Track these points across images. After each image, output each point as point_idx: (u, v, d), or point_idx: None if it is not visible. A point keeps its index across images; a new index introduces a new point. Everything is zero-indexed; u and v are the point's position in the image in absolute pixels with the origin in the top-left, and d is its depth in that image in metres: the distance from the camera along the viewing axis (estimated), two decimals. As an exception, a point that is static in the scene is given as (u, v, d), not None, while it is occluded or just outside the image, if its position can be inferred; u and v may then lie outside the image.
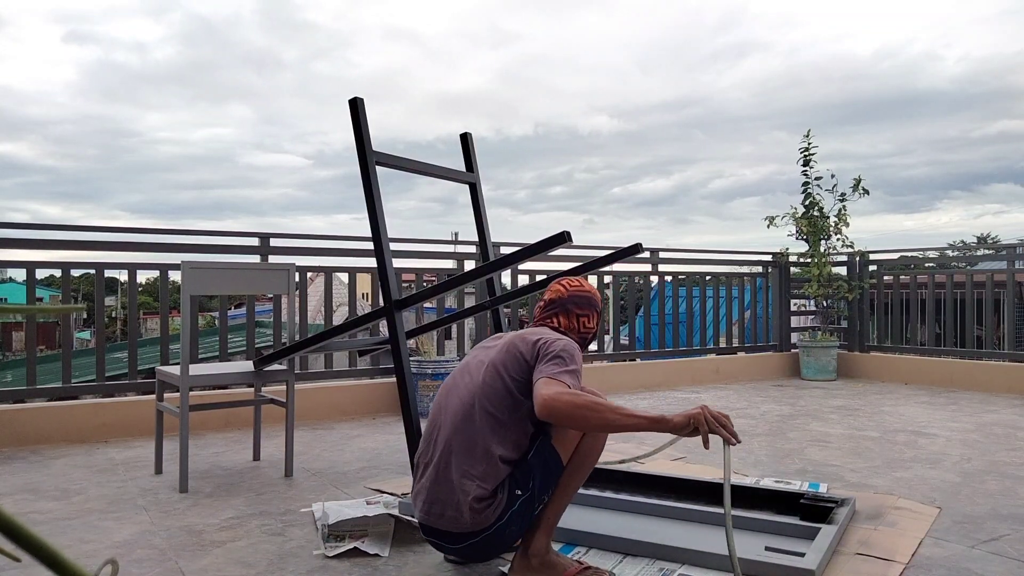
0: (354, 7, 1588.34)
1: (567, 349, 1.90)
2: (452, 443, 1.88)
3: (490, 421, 1.87)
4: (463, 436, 1.88)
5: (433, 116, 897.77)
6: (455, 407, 1.94)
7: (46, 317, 12.65)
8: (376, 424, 4.33)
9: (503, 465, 1.84)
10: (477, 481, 1.82)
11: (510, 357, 1.94)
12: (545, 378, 1.80)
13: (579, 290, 2.18)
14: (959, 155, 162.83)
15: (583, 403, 1.70)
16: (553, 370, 1.82)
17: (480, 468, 1.83)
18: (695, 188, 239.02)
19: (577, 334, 2.15)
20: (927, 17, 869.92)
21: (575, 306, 2.15)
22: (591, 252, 5.62)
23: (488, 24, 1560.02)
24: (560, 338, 1.96)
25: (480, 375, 1.96)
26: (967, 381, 5.81)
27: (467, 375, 2.02)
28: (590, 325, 2.18)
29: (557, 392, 1.73)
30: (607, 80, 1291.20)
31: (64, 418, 3.85)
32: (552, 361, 1.86)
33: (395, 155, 2.80)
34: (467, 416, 1.90)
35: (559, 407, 1.70)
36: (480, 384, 1.93)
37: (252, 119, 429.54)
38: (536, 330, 2.05)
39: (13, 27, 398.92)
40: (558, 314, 2.15)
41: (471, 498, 1.81)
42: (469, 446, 1.86)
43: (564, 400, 1.71)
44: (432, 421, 2.01)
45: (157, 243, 4.38)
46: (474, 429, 1.87)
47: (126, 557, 2.17)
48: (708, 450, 1.78)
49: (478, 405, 1.90)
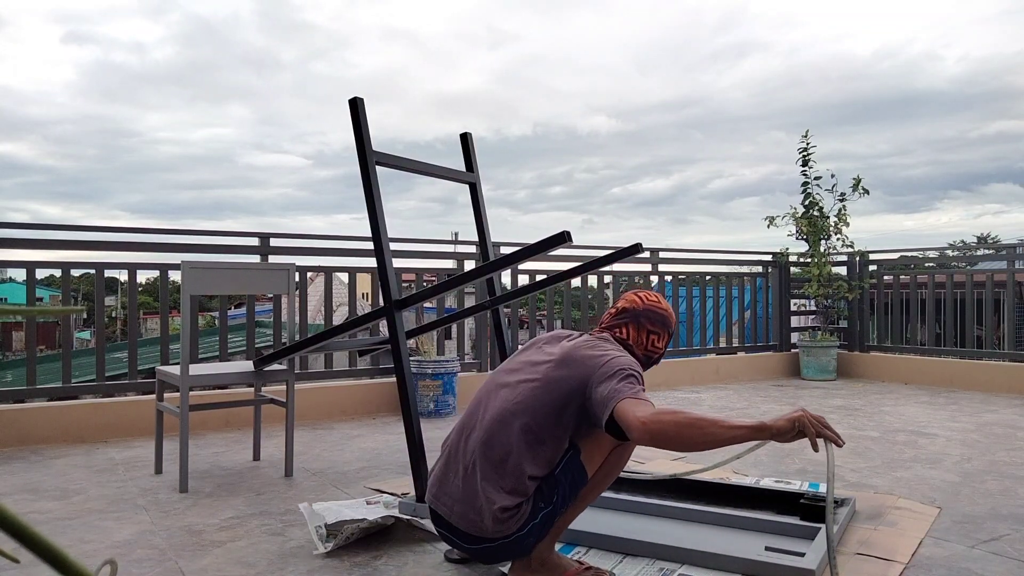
0: (351, 7, 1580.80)
1: (633, 366, 1.79)
2: (485, 450, 1.81)
3: (528, 438, 1.79)
4: (497, 446, 1.80)
5: (432, 116, 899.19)
6: (495, 412, 1.85)
7: (46, 317, 12.64)
8: (376, 424, 4.34)
9: (531, 481, 1.79)
10: (504, 493, 1.77)
11: (565, 374, 1.82)
12: (629, 399, 1.67)
13: (656, 305, 2.06)
14: (958, 155, 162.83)
15: (686, 421, 1.60)
16: (630, 388, 1.70)
17: (509, 482, 1.77)
18: (695, 188, 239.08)
19: (643, 351, 2.03)
20: (927, 17, 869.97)
21: (648, 321, 2.03)
22: (591, 252, 5.62)
23: (485, 25, 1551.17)
24: (621, 353, 1.84)
25: (530, 385, 1.85)
26: (967, 381, 5.81)
27: (516, 378, 1.91)
28: (659, 345, 2.05)
29: (655, 414, 1.61)
30: (606, 80, 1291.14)
31: (64, 418, 3.85)
32: (625, 380, 1.73)
33: (395, 155, 2.80)
34: (505, 425, 1.82)
35: (664, 428, 1.59)
36: (527, 395, 1.83)
37: (251, 119, 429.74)
38: (594, 343, 1.91)
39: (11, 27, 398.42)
40: (628, 324, 2.03)
41: (496, 507, 1.76)
42: (501, 458, 1.79)
43: (667, 420, 1.59)
44: (471, 413, 1.93)
45: (157, 243, 4.38)
46: (509, 442, 1.79)
47: (126, 557, 2.17)
48: (816, 451, 1.70)
49: (519, 418, 1.81)
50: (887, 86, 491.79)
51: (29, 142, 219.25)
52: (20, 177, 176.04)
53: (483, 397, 1.94)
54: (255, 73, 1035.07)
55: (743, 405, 5.02)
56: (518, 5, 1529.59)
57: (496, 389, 1.92)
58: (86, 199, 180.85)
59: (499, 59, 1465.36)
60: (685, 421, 1.59)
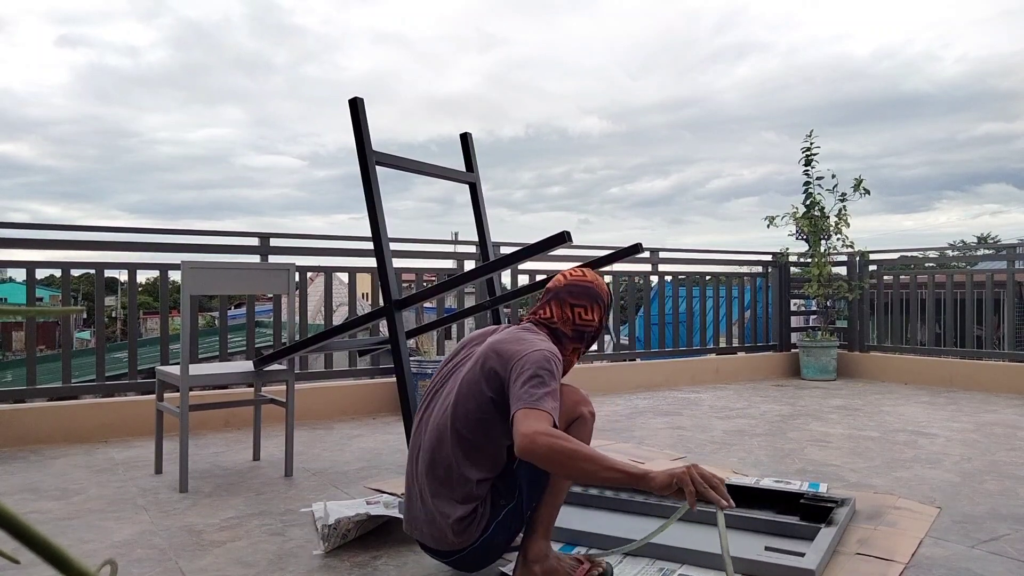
0: (341, 11, 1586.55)
1: (544, 363, 1.73)
2: (429, 467, 1.84)
3: (464, 446, 1.80)
4: (439, 465, 1.82)
5: (424, 118, 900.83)
6: (431, 428, 1.87)
7: (46, 317, 12.65)
8: (376, 424, 4.33)
9: (481, 484, 1.79)
10: (456, 504, 1.79)
11: (485, 374, 1.80)
12: (524, 408, 1.63)
13: (579, 279, 2.00)
14: (957, 155, 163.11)
15: (563, 449, 1.54)
16: (531, 395, 1.65)
17: (458, 492, 1.79)
18: (693, 188, 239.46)
19: (572, 327, 1.96)
20: (926, 18, 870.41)
21: (569, 295, 1.97)
22: (591, 252, 5.62)
23: (475, 28, 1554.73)
24: (535, 347, 1.78)
25: (455, 394, 1.85)
26: (967, 381, 5.81)
27: (447, 386, 1.92)
28: (587, 317, 1.97)
29: (537, 433, 1.56)
30: (601, 82, 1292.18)
31: (64, 418, 3.85)
32: (529, 382, 1.68)
33: (395, 155, 2.80)
34: (440, 439, 1.83)
35: (539, 450, 1.55)
36: (455, 404, 1.83)
37: (245, 121, 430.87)
38: (512, 335, 1.87)
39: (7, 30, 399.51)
40: (550, 303, 1.98)
41: (452, 520, 1.78)
42: (445, 471, 1.81)
43: (545, 443, 1.55)
44: (416, 432, 1.95)
45: (157, 243, 4.38)
46: (447, 454, 1.81)
47: (126, 557, 2.17)
48: (693, 510, 1.60)
49: (451, 429, 1.81)
50: (886, 86, 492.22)
51: (29, 142, 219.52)
52: (20, 177, 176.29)
53: (424, 411, 1.95)
54: (247, 76, 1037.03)
55: (743, 405, 5.02)
56: (506, 9, 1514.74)
57: (432, 402, 1.93)
58: (86, 199, 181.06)
59: (489, 61, 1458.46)
60: (562, 449, 1.54)
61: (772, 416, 4.58)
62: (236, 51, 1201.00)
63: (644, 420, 4.44)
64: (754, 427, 4.21)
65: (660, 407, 4.94)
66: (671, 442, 3.79)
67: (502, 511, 1.80)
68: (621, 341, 6.59)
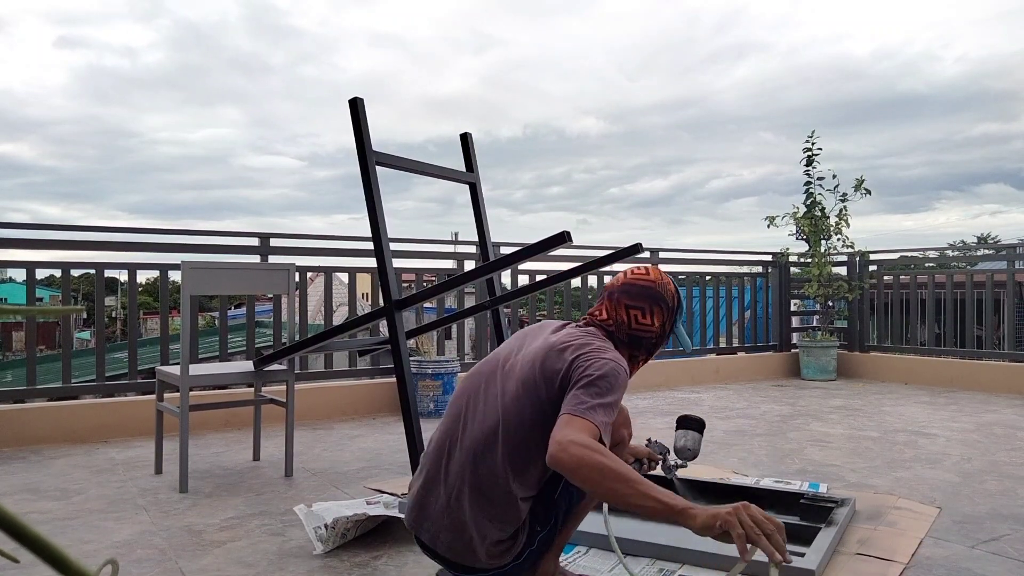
0: (338, 13, 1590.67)
1: (607, 370, 1.53)
2: (470, 475, 1.60)
3: (514, 457, 1.58)
4: (483, 471, 1.60)
5: (422, 119, 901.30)
6: (478, 430, 1.63)
7: (46, 317, 12.65)
8: (376, 424, 4.33)
9: (523, 504, 1.61)
10: (496, 524, 1.60)
11: (545, 375, 1.60)
12: (568, 414, 1.46)
13: (639, 277, 1.79)
14: (956, 156, 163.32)
15: (597, 465, 1.35)
16: (582, 402, 1.47)
17: (499, 511, 1.60)
18: (692, 188, 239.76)
19: (627, 331, 1.76)
20: (926, 18, 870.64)
21: (625, 295, 1.76)
22: (592, 252, 5.62)
23: (470, 29, 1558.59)
24: (603, 354, 1.59)
25: (510, 393, 1.63)
26: (967, 381, 5.80)
27: (497, 384, 1.68)
28: (644, 321, 1.76)
29: (573, 443, 1.38)
30: (599, 83, 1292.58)
31: (64, 418, 3.85)
32: (585, 387, 1.50)
33: (395, 155, 2.80)
34: (488, 446, 1.60)
35: (567, 460, 1.37)
36: (508, 407, 1.62)
37: (244, 121, 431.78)
38: (575, 337, 1.67)
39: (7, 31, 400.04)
40: (605, 303, 1.78)
41: (490, 542, 1.60)
42: (488, 484, 1.59)
43: (577, 455, 1.36)
44: (450, 428, 1.69)
45: (157, 243, 4.38)
46: (495, 464, 1.59)
47: (126, 557, 2.17)
48: (746, 561, 1.36)
49: (502, 435, 1.60)
50: (885, 87, 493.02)
51: (29, 143, 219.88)
52: (20, 177, 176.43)
53: (464, 404, 1.71)
54: (245, 77, 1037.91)
55: (743, 405, 5.02)
56: (500, 10, 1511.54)
57: (478, 395, 1.70)
58: (86, 199, 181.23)
59: (485, 63, 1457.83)
60: (595, 463, 1.35)
61: (772, 416, 4.58)
62: (234, 52, 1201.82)
63: (644, 420, 4.44)
64: (754, 427, 4.21)
65: (660, 407, 4.94)
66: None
67: (536, 538, 1.66)
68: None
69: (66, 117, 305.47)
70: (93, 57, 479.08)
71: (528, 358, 1.66)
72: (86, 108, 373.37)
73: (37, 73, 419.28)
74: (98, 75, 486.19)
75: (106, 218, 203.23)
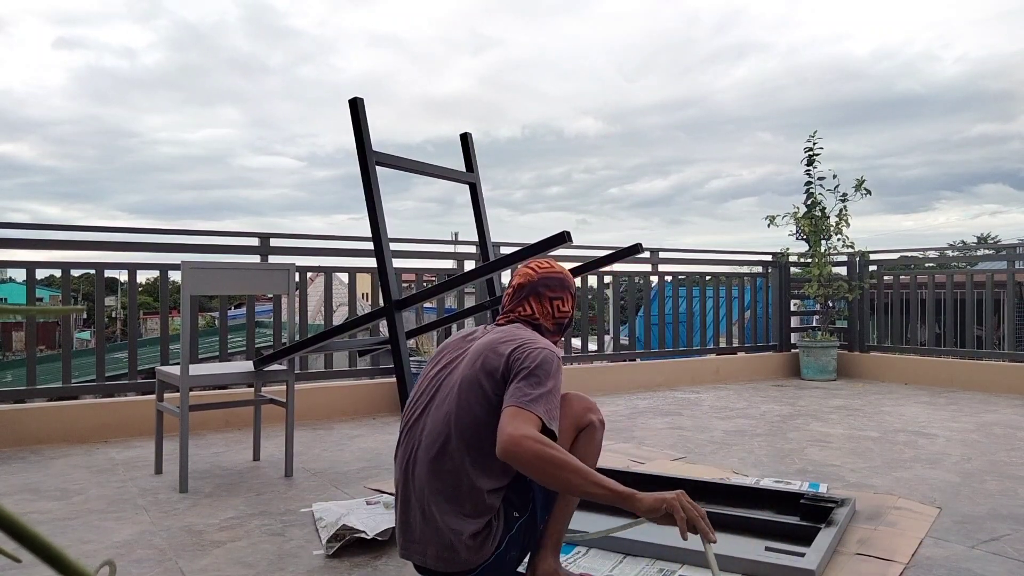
0: (335, 14, 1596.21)
1: (544, 362, 1.66)
2: (433, 481, 1.67)
3: (471, 455, 1.66)
4: (444, 475, 1.67)
5: (420, 119, 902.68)
6: (431, 438, 1.71)
7: (46, 317, 12.65)
8: (376, 424, 4.33)
9: (493, 494, 1.68)
10: (468, 519, 1.66)
11: (484, 373, 1.69)
12: (513, 407, 1.57)
13: (550, 271, 1.98)
14: (955, 156, 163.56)
15: (548, 457, 1.48)
16: (525, 394, 1.59)
17: (468, 506, 1.66)
18: (692, 188, 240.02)
19: (552, 320, 1.94)
20: (926, 18, 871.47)
21: (547, 288, 1.94)
22: (592, 252, 5.62)
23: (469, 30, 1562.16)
24: (536, 345, 1.72)
25: (454, 397, 1.71)
26: (967, 381, 5.81)
27: (440, 392, 1.77)
28: (565, 308, 1.96)
29: (523, 435, 1.49)
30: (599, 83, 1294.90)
31: (64, 418, 3.85)
32: (525, 380, 1.62)
33: (395, 155, 2.80)
34: (444, 449, 1.68)
35: (520, 453, 1.48)
36: (455, 410, 1.69)
37: (243, 121, 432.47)
38: (508, 333, 1.79)
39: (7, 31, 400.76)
40: (529, 299, 1.94)
41: (465, 536, 1.65)
42: (453, 485, 1.66)
43: (529, 448, 1.48)
44: (407, 446, 1.77)
45: (157, 243, 4.38)
46: (454, 465, 1.66)
47: (126, 557, 2.17)
48: (686, 540, 1.53)
49: (455, 438, 1.67)
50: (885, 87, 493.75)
51: (29, 142, 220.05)
52: (20, 177, 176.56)
53: (413, 419, 1.79)
54: (244, 77, 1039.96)
55: (743, 405, 5.02)
56: (499, 10, 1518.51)
57: (424, 411, 1.78)
58: (86, 199, 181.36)
59: (483, 63, 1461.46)
60: (547, 456, 1.47)
61: (772, 416, 4.58)
62: (232, 53, 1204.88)
63: (644, 420, 4.44)
64: (754, 427, 4.21)
65: (660, 407, 4.94)
66: (671, 442, 3.79)
67: (515, 524, 1.71)
68: (621, 341, 6.59)
69: (66, 117, 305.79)
70: (92, 58, 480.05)
71: (467, 361, 1.76)
72: (85, 109, 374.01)
73: (36, 73, 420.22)
74: (97, 76, 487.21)
75: (106, 218, 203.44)
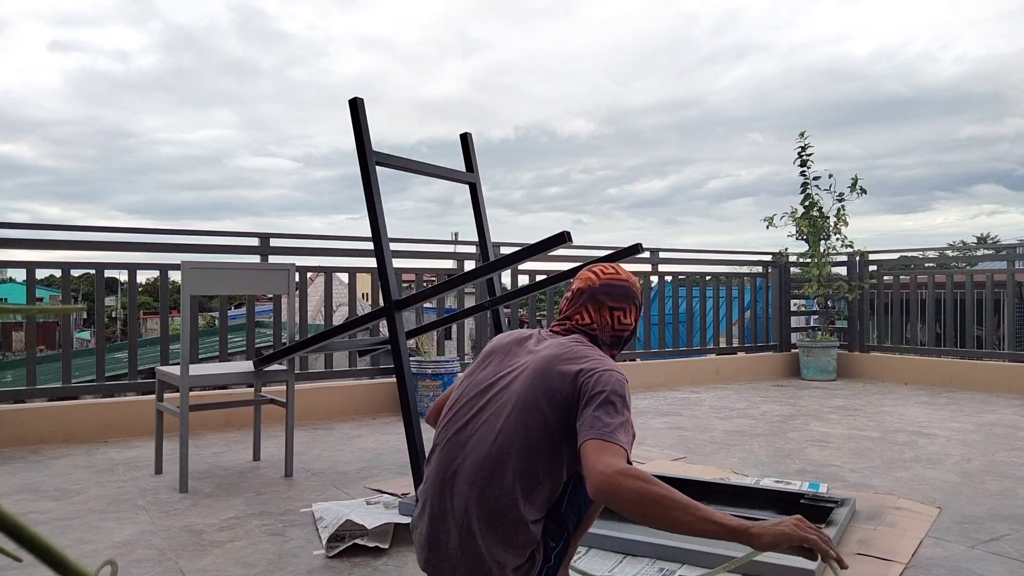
0: (325, 17, 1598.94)
1: (618, 387, 1.51)
2: (478, 506, 1.54)
3: (524, 482, 1.52)
4: (491, 500, 1.53)
5: (413, 121, 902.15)
6: (481, 457, 1.56)
7: (46, 317, 12.65)
8: (376, 424, 4.33)
9: (535, 525, 1.56)
10: (513, 550, 1.54)
11: (545, 395, 1.55)
12: (596, 439, 1.41)
13: (614, 278, 1.78)
14: (954, 156, 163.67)
15: (651, 495, 1.32)
16: (605, 424, 1.43)
17: (514, 536, 1.54)
18: (690, 189, 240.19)
19: (611, 333, 1.76)
20: (926, 19, 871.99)
21: (608, 297, 1.76)
22: (591, 252, 5.62)
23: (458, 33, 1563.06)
24: (604, 367, 1.57)
25: (513, 418, 1.56)
26: (967, 381, 5.80)
27: (491, 401, 1.62)
28: (626, 321, 1.77)
29: (618, 472, 1.34)
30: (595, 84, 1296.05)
31: (64, 418, 3.85)
32: (602, 408, 1.46)
33: (395, 155, 2.80)
34: (495, 473, 1.53)
35: (622, 494, 1.32)
36: (511, 432, 1.55)
37: (237, 123, 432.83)
38: (570, 349, 1.63)
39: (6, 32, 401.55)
40: (587, 306, 1.76)
41: (508, 570, 1.55)
42: (499, 512, 1.52)
43: (628, 487, 1.32)
44: (448, 455, 1.61)
45: (157, 243, 4.38)
46: (503, 493, 1.52)
47: (126, 557, 2.17)
48: (816, 564, 1.38)
49: (509, 461, 1.53)
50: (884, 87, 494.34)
51: (29, 143, 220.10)
52: (20, 178, 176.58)
53: (455, 427, 1.65)
54: (237, 80, 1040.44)
55: (743, 405, 5.02)
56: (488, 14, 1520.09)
57: (471, 422, 1.62)
58: (86, 199, 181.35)
59: (474, 66, 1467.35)
60: (650, 495, 1.32)
61: (772, 416, 4.58)
62: (224, 56, 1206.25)
63: (644, 420, 4.44)
64: (754, 427, 4.21)
65: (660, 407, 4.94)
66: (671, 442, 3.79)
67: (553, 554, 1.61)
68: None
69: (66, 118, 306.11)
70: (87, 60, 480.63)
71: (526, 378, 1.61)
72: (81, 110, 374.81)
73: (31, 76, 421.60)
74: (92, 78, 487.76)
75: (106, 218, 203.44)
